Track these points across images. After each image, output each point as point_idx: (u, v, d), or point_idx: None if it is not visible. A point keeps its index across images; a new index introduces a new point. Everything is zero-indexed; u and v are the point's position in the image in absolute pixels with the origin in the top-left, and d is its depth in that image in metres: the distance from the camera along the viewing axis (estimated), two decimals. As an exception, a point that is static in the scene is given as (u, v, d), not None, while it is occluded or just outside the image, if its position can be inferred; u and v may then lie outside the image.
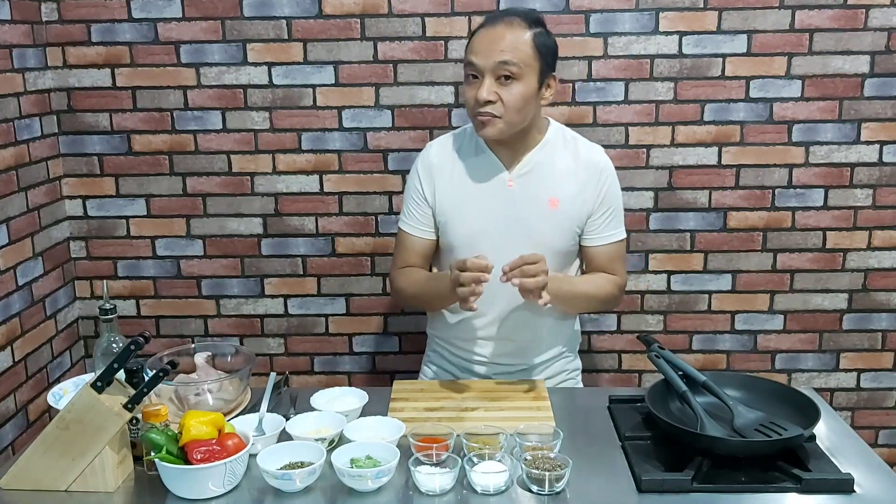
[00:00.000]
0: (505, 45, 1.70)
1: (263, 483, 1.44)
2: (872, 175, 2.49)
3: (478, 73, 1.72)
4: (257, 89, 2.46)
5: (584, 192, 1.84)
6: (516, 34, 1.71)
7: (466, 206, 1.84)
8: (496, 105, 1.72)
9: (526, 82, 1.72)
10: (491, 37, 1.71)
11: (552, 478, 1.40)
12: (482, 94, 1.71)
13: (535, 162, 1.84)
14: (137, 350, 1.43)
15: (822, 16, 2.38)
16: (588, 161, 1.85)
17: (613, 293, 1.92)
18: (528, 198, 1.82)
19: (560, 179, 1.83)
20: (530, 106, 1.76)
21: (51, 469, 1.44)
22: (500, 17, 1.76)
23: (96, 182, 2.54)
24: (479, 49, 1.72)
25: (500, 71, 1.70)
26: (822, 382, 2.64)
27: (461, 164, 1.87)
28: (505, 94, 1.71)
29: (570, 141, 1.88)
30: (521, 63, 1.70)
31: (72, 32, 2.42)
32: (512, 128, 1.76)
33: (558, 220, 1.83)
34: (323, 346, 2.67)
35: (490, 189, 1.84)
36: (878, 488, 1.44)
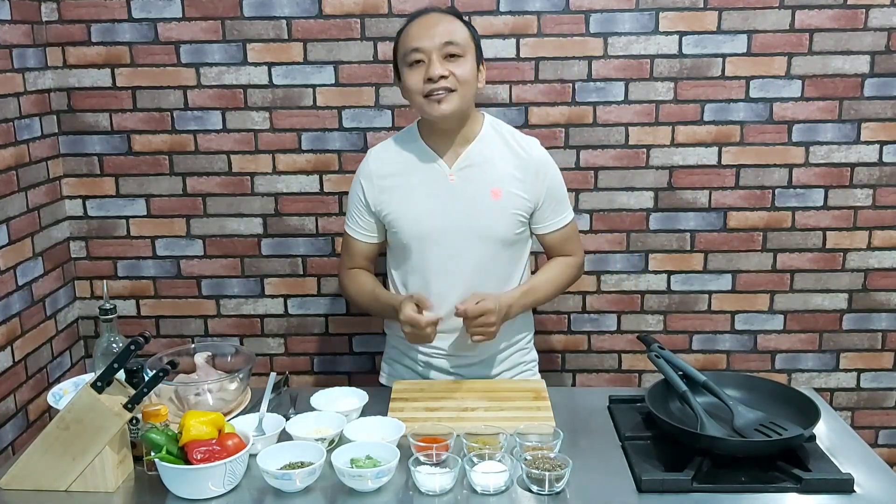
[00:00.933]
0: (444, 29, 1.78)
1: (263, 483, 1.44)
2: (872, 175, 2.49)
3: (424, 56, 1.77)
4: (257, 89, 2.46)
5: (524, 183, 1.87)
6: (450, 19, 1.81)
7: (412, 205, 1.88)
8: (449, 79, 1.76)
9: (469, 60, 1.79)
10: (429, 23, 1.79)
11: (552, 478, 1.40)
12: (435, 70, 1.75)
13: (473, 154, 1.87)
14: (137, 350, 1.43)
15: (822, 16, 2.38)
16: (527, 154, 1.89)
17: (572, 274, 2.02)
18: (470, 190, 1.86)
19: (499, 170, 1.87)
20: (473, 86, 1.82)
21: (51, 469, 1.44)
22: (426, 11, 1.84)
23: (96, 182, 2.54)
24: (421, 35, 1.78)
25: (446, 50, 1.77)
26: (822, 382, 2.64)
27: (402, 164, 1.90)
28: (456, 69, 1.77)
29: (507, 134, 1.91)
30: (464, 44, 1.78)
31: (72, 32, 2.42)
32: (463, 103, 1.80)
33: (501, 210, 1.86)
34: (323, 346, 2.67)
35: (432, 185, 1.87)
36: (878, 488, 1.44)
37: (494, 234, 1.87)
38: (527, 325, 2.06)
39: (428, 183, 1.87)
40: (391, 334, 2.08)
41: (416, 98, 1.80)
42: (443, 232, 1.86)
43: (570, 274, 2.00)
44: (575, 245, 2.01)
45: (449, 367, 1.97)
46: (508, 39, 2.40)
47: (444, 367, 1.98)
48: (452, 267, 1.86)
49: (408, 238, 1.89)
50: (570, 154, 2.48)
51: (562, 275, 1.98)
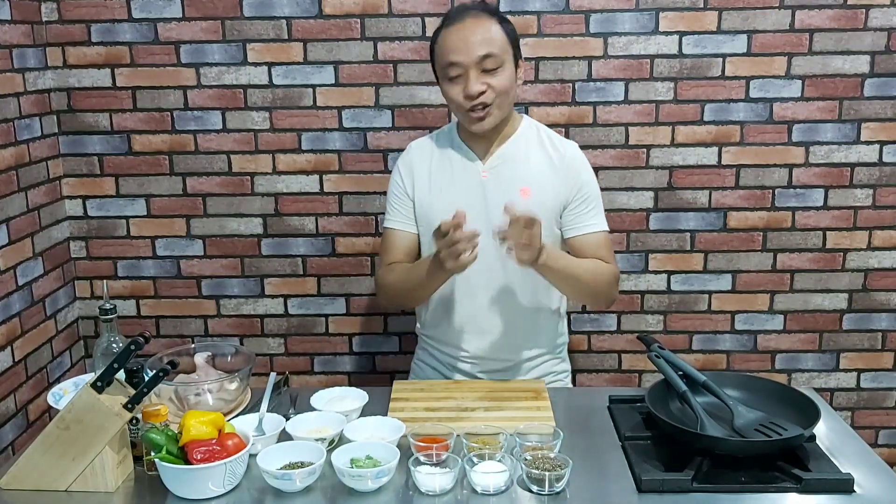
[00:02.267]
0: (480, 38, 1.73)
1: (263, 483, 1.44)
2: (872, 175, 2.49)
3: (461, 70, 1.75)
4: (257, 89, 2.46)
5: (556, 182, 1.85)
6: (486, 26, 1.75)
7: (443, 199, 1.87)
8: (487, 93, 1.75)
9: (508, 69, 1.76)
10: (464, 33, 1.74)
11: (552, 478, 1.40)
12: (473, 87, 1.73)
13: (508, 153, 1.87)
14: (137, 350, 1.43)
15: (822, 16, 2.38)
16: (562, 154, 1.87)
17: (607, 279, 1.86)
18: (500, 188, 1.84)
19: (532, 170, 1.86)
20: (513, 92, 1.80)
21: (51, 469, 1.44)
22: (463, 13, 1.78)
23: (96, 182, 2.54)
24: (458, 47, 1.74)
25: (483, 64, 1.73)
26: (822, 382, 2.64)
27: (438, 159, 1.90)
28: (493, 82, 1.75)
29: (544, 135, 1.90)
30: (501, 52, 1.74)
31: (72, 32, 2.42)
32: (503, 113, 1.80)
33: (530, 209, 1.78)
34: (323, 346, 2.67)
35: (465, 181, 1.87)
36: (878, 488, 1.44)
37: None
38: (560, 333, 2.03)
39: (461, 179, 1.87)
40: (421, 333, 2.06)
41: (457, 110, 1.81)
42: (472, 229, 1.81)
43: (604, 271, 1.85)
44: (608, 254, 1.89)
45: (477, 373, 1.96)
46: (508, 39, 2.40)
47: (472, 373, 1.96)
48: (481, 265, 1.78)
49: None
50: (570, 154, 2.48)
51: (595, 266, 1.84)
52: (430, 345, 2.03)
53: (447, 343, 1.98)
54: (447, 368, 2.00)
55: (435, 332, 2.00)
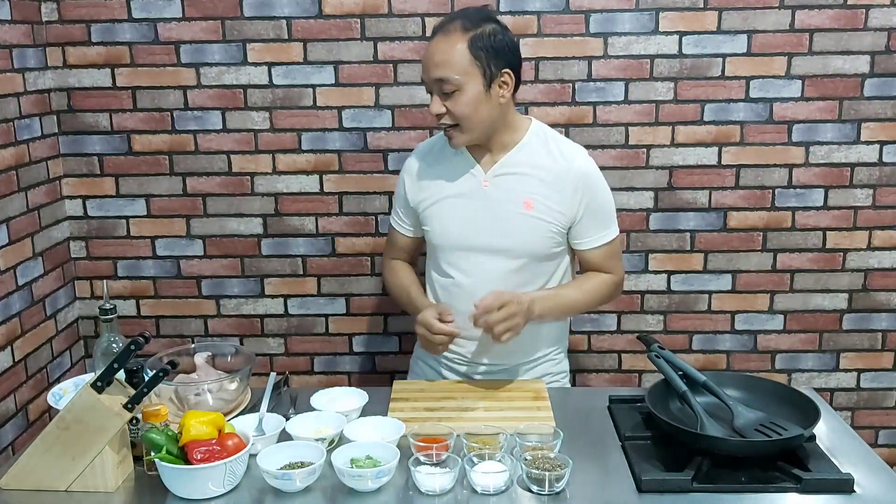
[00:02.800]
0: (438, 60, 1.71)
1: (263, 483, 1.44)
2: (872, 175, 2.49)
3: (427, 88, 1.78)
4: (257, 89, 2.46)
5: (563, 196, 1.81)
6: (449, 45, 1.71)
7: (445, 207, 1.87)
8: (447, 116, 1.75)
9: (468, 90, 1.72)
10: (429, 51, 1.74)
11: (552, 478, 1.40)
12: (432, 107, 1.76)
13: (512, 163, 1.83)
14: (137, 350, 1.43)
15: (822, 16, 2.38)
16: (569, 166, 1.82)
17: (607, 290, 1.92)
18: (502, 198, 1.82)
19: (537, 181, 1.81)
20: (484, 109, 1.75)
21: (51, 469, 1.44)
22: (442, 26, 1.75)
23: (96, 182, 2.54)
24: (423, 64, 1.76)
25: (440, 87, 1.73)
26: (822, 382, 2.64)
27: (441, 165, 1.90)
28: (451, 106, 1.74)
29: (552, 143, 1.85)
30: (455, 75, 1.70)
31: (72, 32, 2.42)
32: (476, 133, 1.78)
33: (533, 222, 1.81)
34: (323, 346, 2.67)
35: (466, 190, 1.85)
36: (878, 488, 1.44)
37: (524, 247, 1.82)
38: (560, 339, 2.03)
39: (462, 187, 1.85)
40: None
41: None
42: (471, 239, 1.84)
43: (604, 289, 1.90)
44: (615, 263, 1.92)
45: (473, 375, 1.95)
46: (508, 39, 2.40)
47: (470, 375, 1.96)
48: (479, 275, 1.83)
49: (437, 239, 1.89)
50: (570, 154, 2.48)
51: (594, 287, 1.89)
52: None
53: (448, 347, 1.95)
54: (446, 369, 2.00)
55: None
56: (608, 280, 1.91)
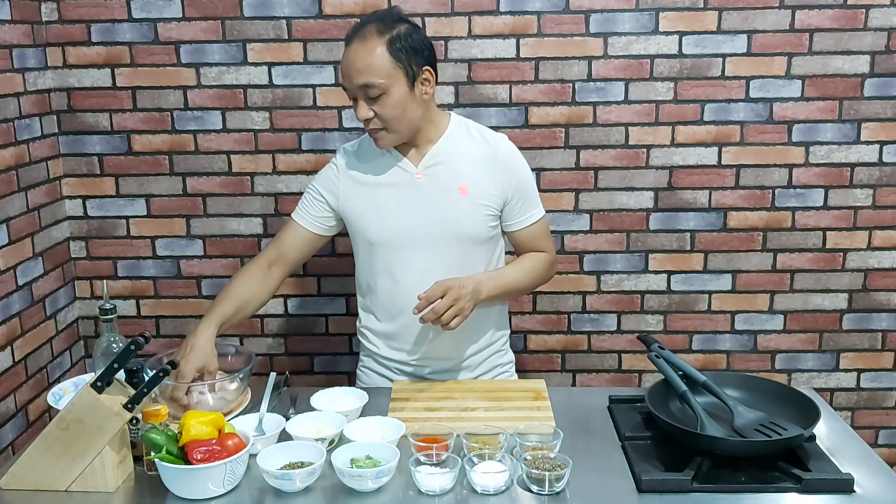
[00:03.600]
0: (360, 66, 1.71)
1: (263, 483, 1.44)
2: (872, 175, 2.49)
3: (351, 95, 1.77)
4: (257, 89, 2.46)
5: (493, 179, 1.85)
6: (368, 50, 1.71)
7: (379, 205, 1.86)
8: (374, 120, 1.76)
9: (393, 92, 1.73)
10: (349, 59, 1.73)
11: (552, 478, 1.40)
12: (359, 113, 1.76)
13: (440, 153, 1.85)
14: (137, 350, 1.43)
15: (822, 16, 2.38)
16: (494, 150, 1.87)
17: (544, 270, 1.96)
18: (437, 188, 1.84)
19: (467, 167, 1.85)
20: (410, 108, 1.77)
21: (51, 469, 1.44)
22: (356, 31, 1.75)
23: (96, 182, 2.54)
24: (344, 72, 1.75)
25: (366, 92, 1.72)
26: (822, 382, 2.64)
27: (369, 165, 1.89)
28: (379, 110, 1.74)
29: (474, 131, 1.89)
30: (379, 79, 1.71)
31: (72, 32, 2.42)
32: (404, 132, 1.80)
33: (469, 207, 1.84)
34: (323, 346, 2.67)
35: (400, 185, 1.86)
36: (878, 488, 1.44)
37: (464, 232, 1.85)
38: (502, 326, 2.04)
39: (394, 183, 1.86)
40: (364, 341, 2.02)
41: None
42: (411, 231, 1.84)
43: (540, 267, 1.94)
44: (546, 242, 1.96)
45: (425, 374, 1.95)
46: (508, 39, 2.40)
47: (420, 374, 1.95)
48: (422, 267, 1.82)
49: (375, 238, 1.87)
50: (570, 154, 2.49)
51: (531, 266, 1.93)
52: (375, 351, 1.99)
53: (394, 349, 1.95)
54: (393, 372, 1.98)
55: (375, 337, 1.98)
56: (543, 258, 1.95)
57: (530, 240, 1.94)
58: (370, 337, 1.99)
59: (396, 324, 1.91)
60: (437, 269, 1.81)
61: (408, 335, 1.91)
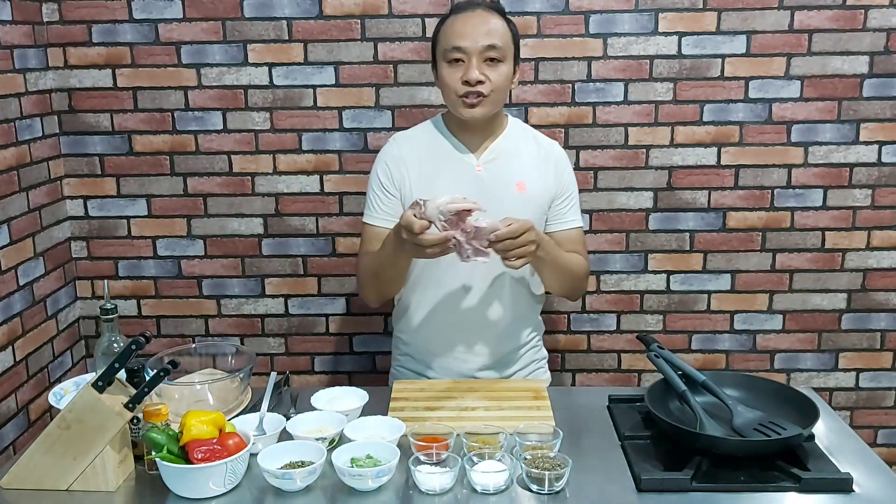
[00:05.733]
0: (490, 30, 1.77)
1: (264, 482, 1.44)
2: (871, 175, 2.49)
3: (464, 56, 1.77)
4: (258, 90, 2.47)
5: (546, 176, 1.90)
6: (496, 21, 1.79)
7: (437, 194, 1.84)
8: (485, 84, 1.77)
9: (508, 65, 1.80)
10: (474, 21, 1.78)
11: (552, 477, 1.40)
12: (472, 74, 1.76)
13: (500, 149, 1.89)
14: (138, 350, 1.43)
15: (821, 16, 2.38)
16: (548, 151, 1.93)
17: (583, 274, 1.95)
18: (496, 182, 1.86)
19: (524, 164, 1.89)
20: (508, 88, 1.84)
21: (52, 468, 1.44)
22: (473, 4, 1.82)
23: (97, 182, 2.54)
24: (465, 33, 1.77)
25: (487, 54, 1.77)
26: (822, 382, 2.64)
27: (428, 154, 1.89)
28: (493, 75, 1.77)
29: (528, 132, 1.96)
30: (504, 47, 1.78)
31: (73, 33, 2.43)
32: (495, 107, 1.83)
33: (526, 203, 1.86)
34: (323, 346, 2.68)
35: (460, 175, 1.87)
36: (876, 488, 1.44)
37: None
38: (538, 324, 2.06)
39: (455, 173, 1.87)
40: (400, 337, 2.04)
41: (449, 95, 1.81)
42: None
43: (582, 269, 1.92)
44: (584, 250, 1.97)
45: (463, 371, 1.95)
46: (508, 40, 2.41)
47: (460, 371, 1.95)
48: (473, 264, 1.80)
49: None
50: (570, 154, 2.47)
51: (577, 260, 1.90)
52: (412, 350, 2.00)
53: (428, 342, 1.96)
54: (433, 370, 1.98)
55: (414, 334, 1.98)
56: (584, 263, 1.95)
57: (569, 245, 1.92)
58: (406, 331, 2.00)
59: (436, 318, 1.91)
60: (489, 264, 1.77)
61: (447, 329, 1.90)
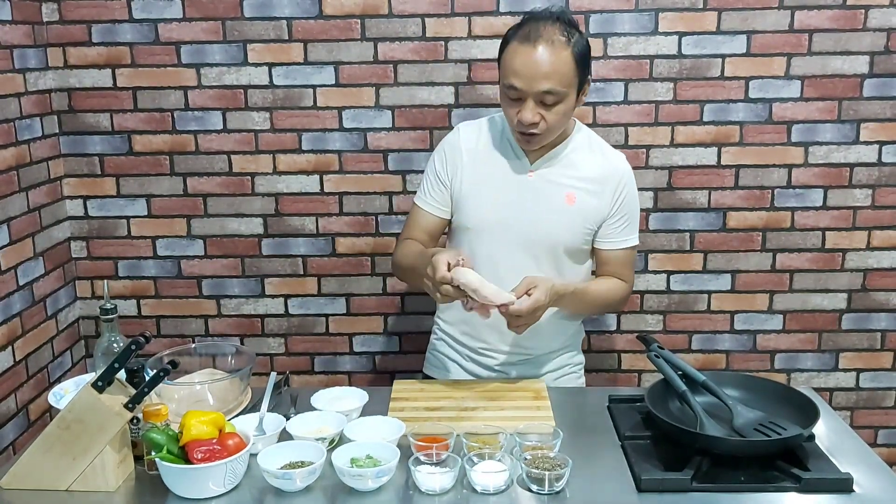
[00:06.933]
0: (549, 72, 1.67)
1: (264, 482, 1.44)
2: (871, 175, 2.49)
3: (520, 95, 1.70)
4: (258, 90, 2.47)
5: (602, 194, 1.84)
6: (559, 56, 1.67)
7: (485, 191, 1.85)
8: (539, 125, 1.72)
9: (568, 101, 1.72)
10: (534, 60, 1.66)
11: (552, 477, 1.40)
12: (526, 116, 1.70)
13: (558, 157, 1.85)
14: (138, 350, 1.43)
15: (821, 16, 2.38)
16: (611, 166, 1.86)
17: (620, 299, 1.93)
18: (546, 190, 1.83)
19: (580, 177, 1.84)
20: (570, 116, 1.79)
21: (52, 469, 1.44)
22: (539, 31, 1.68)
23: (97, 182, 2.54)
24: (522, 73, 1.68)
25: (543, 98, 1.69)
26: (822, 382, 2.64)
27: (486, 149, 1.88)
28: (549, 116, 1.71)
29: (595, 143, 1.89)
30: (564, 87, 1.69)
31: (73, 33, 2.43)
32: (551, 138, 1.79)
33: (572, 216, 1.83)
34: (323, 346, 2.68)
35: (511, 178, 1.85)
36: (877, 488, 1.44)
37: (560, 239, 1.84)
38: (578, 328, 2.04)
39: (506, 173, 1.85)
40: (439, 320, 2.04)
41: (509, 122, 1.79)
42: (507, 224, 1.83)
43: (618, 294, 1.91)
44: (629, 271, 1.93)
45: (495, 365, 1.94)
46: (508, 40, 2.40)
47: (491, 365, 1.95)
48: (509, 261, 1.82)
49: (471, 222, 1.85)
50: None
51: (612, 292, 1.89)
52: (449, 335, 2.00)
53: (469, 335, 1.96)
54: (466, 360, 1.98)
55: (457, 325, 1.97)
56: (623, 287, 1.92)
57: (617, 265, 1.90)
58: (446, 319, 2.00)
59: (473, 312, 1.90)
60: (520, 265, 1.81)
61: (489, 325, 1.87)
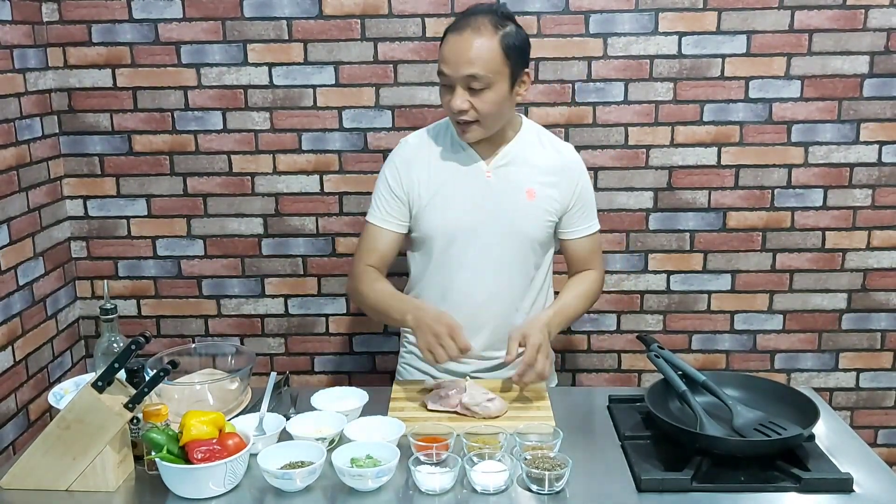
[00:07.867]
0: (472, 56, 1.68)
1: (264, 482, 1.44)
2: (871, 175, 2.49)
3: (449, 82, 1.74)
4: (258, 90, 2.47)
5: (559, 185, 1.87)
6: (483, 42, 1.69)
7: (445, 198, 1.86)
8: (469, 112, 1.74)
9: (497, 89, 1.72)
10: (459, 46, 1.70)
11: (552, 477, 1.40)
12: (455, 102, 1.73)
13: (512, 154, 1.86)
14: (138, 350, 1.43)
15: (821, 16, 2.38)
16: (562, 158, 1.90)
17: (597, 289, 1.98)
18: (506, 188, 1.85)
19: (536, 172, 1.87)
20: (505, 107, 1.78)
21: (52, 469, 1.44)
22: (468, 20, 1.72)
23: (97, 182, 2.54)
24: (448, 59, 1.71)
25: (469, 82, 1.71)
26: (822, 382, 2.64)
27: (439, 156, 1.88)
28: (477, 103, 1.73)
29: (544, 137, 1.92)
30: (489, 73, 1.70)
31: (73, 33, 2.43)
32: (491, 129, 1.80)
33: (535, 211, 1.86)
34: (323, 346, 2.68)
35: (468, 180, 1.86)
36: (877, 488, 1.44)
37: (526, 234, 1.86)
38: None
39: (463, 178, 1.86)
40: (406, 335, 2.04)
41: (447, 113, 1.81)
42: (474, 228, 1.84)
43: (595, 289, 1.96)
44: (598, 258, 1.98)
45: (468, 372, 1.93)
46: (508, 40, 2.40)
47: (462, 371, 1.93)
48: (479, 265, 1.85)
49: (436, 232, 1.86)
50: (570, 154, 2.49)
51: (588, 290, 1.94)
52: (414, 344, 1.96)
53: None
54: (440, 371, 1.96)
55: None
56: (596, 280, 1.97)
57: (584, 253, 1.94)
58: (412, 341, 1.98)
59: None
60: (492, 267, 1.85)
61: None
